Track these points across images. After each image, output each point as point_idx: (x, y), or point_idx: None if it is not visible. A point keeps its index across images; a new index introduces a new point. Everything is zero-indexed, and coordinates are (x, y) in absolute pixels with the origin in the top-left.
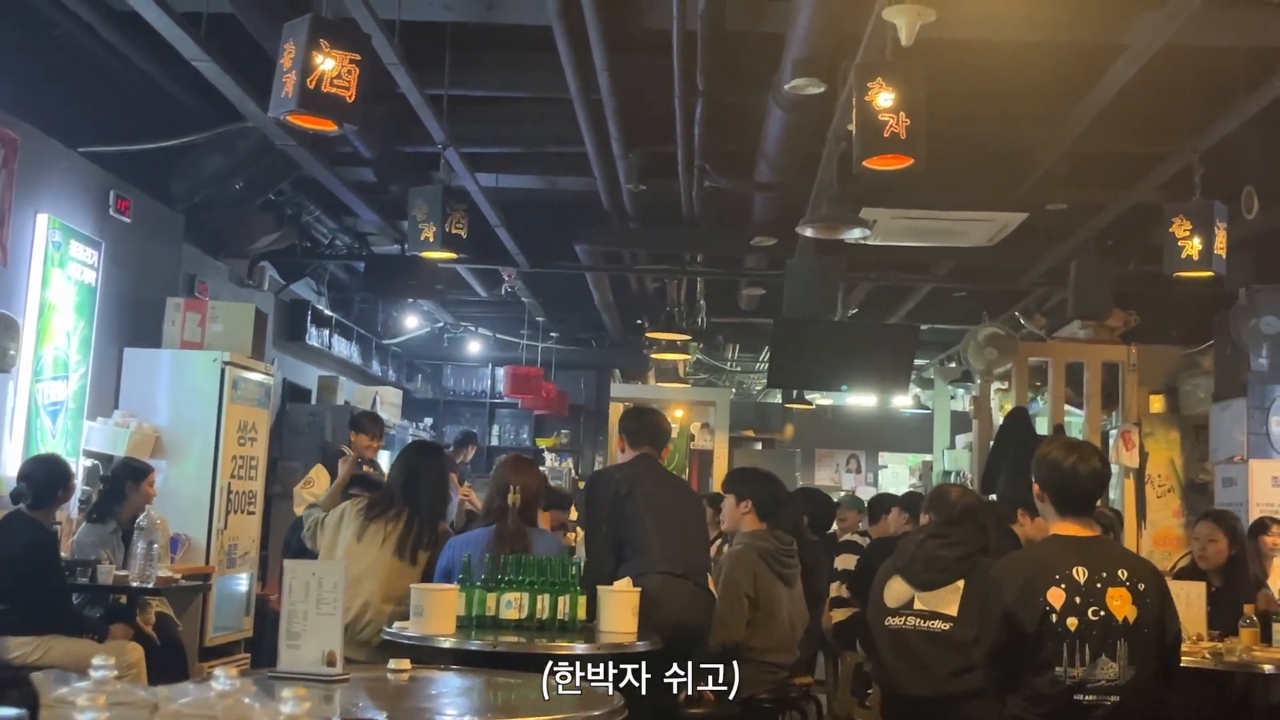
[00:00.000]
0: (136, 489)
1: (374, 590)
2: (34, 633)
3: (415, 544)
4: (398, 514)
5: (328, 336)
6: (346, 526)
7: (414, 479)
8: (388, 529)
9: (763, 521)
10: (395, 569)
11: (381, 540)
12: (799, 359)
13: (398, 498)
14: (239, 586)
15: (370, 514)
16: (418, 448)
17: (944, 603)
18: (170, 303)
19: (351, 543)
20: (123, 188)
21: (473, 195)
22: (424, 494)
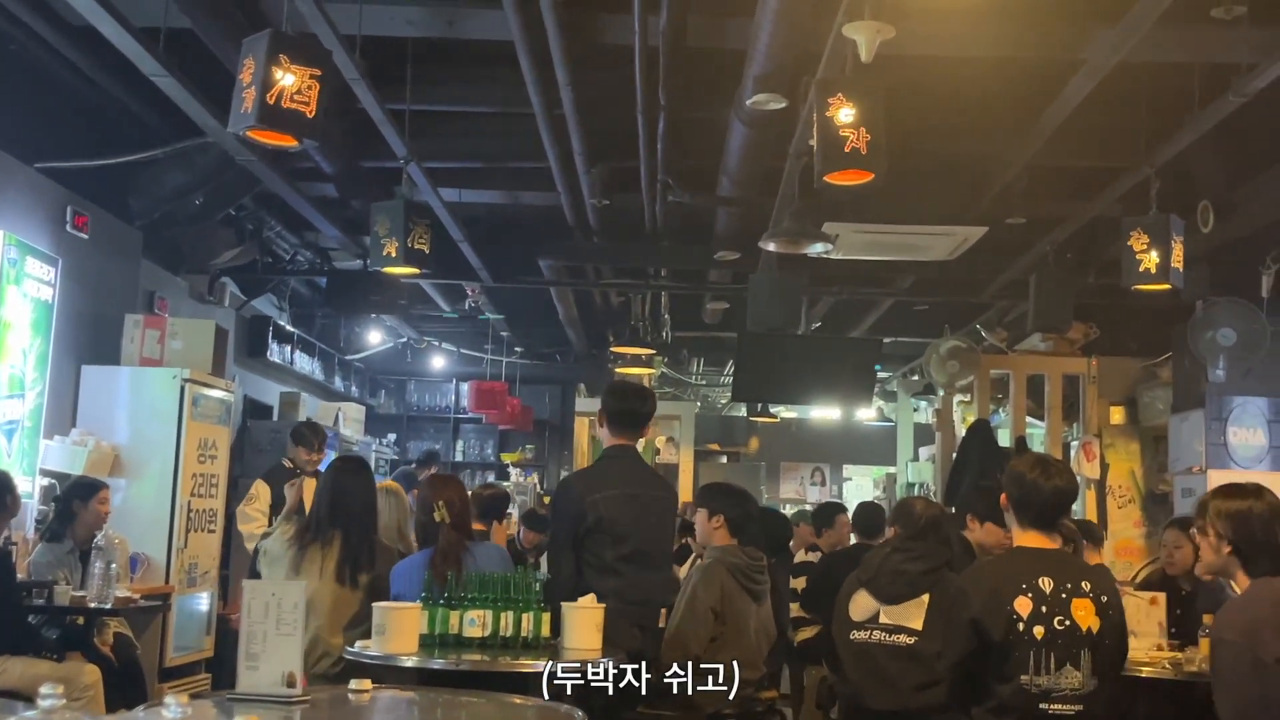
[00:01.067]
0: (85, 507)
1: (321, 624)
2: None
3: (354, 568)
4: (329, 539)
5: (290, 352)
6: (280, 559)
7: (341, 499)
8: (324, 555)
9: (733, 537)
10: (339, 597)
11: (319, 570)
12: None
13: (326, 521)
14: (200, 606)
15: (301, 542)
16: (342, 466)
17: (909, 617)
18: (129, 319)
19: (288, 573)
20: (80, 204)
21: (435, 210)
22: (354, 513)
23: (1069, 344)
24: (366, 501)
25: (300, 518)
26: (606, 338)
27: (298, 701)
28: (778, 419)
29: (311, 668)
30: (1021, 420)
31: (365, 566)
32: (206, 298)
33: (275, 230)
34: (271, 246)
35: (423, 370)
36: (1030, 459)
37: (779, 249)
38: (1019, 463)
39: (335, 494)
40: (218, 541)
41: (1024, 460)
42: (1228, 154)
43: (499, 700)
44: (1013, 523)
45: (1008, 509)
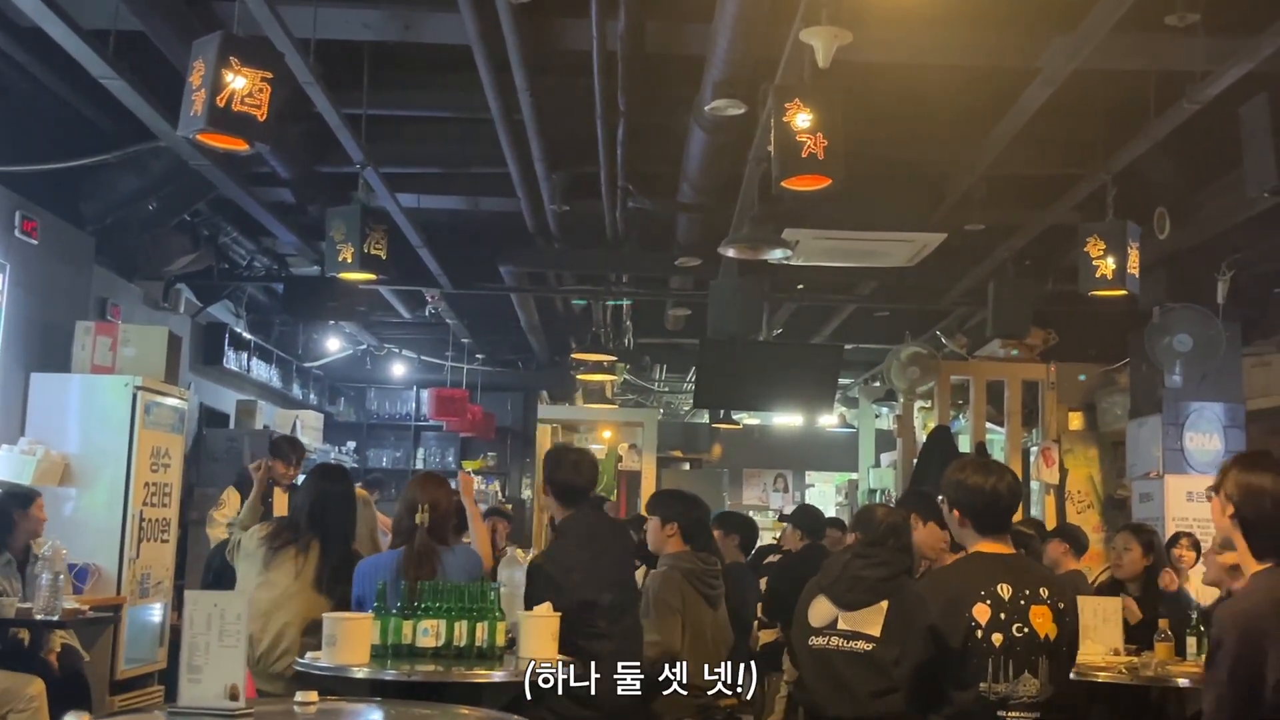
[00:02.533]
0: (25, 515)
1: (290, 622)
2: None
3: (332, 577)
4: (307, 544)
5: (246, 360)
6: (252, 555)
7: (321, 505)
8: (299, 561)
9: (686, 544)
10: (313, 602)
11: (295, 573)
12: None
13: (304, 526)
14: (152, 617)
15: (275, 543)
16: (323, 472)
17: (867, 623)
18: (80, 326)
19: (260, 570)
20: (29, 208)
21: (393, 216)
22: (333, 520)
23: (1028, 350)
24: (346, 509)
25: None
26: (569, 344)
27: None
28: (740, 426)
29: (272, 665)
30: (981, 426)
31: (343, 577)
32: (161, 304)
33: (231, 236)
34: (227, 252)
35: (383, 377)
36: (973, 465)
37: (739, 255)
38: (963, 472)
39: (316, 501)
40: (172, 551)
41: (967, 468)
42: (1183, 161)
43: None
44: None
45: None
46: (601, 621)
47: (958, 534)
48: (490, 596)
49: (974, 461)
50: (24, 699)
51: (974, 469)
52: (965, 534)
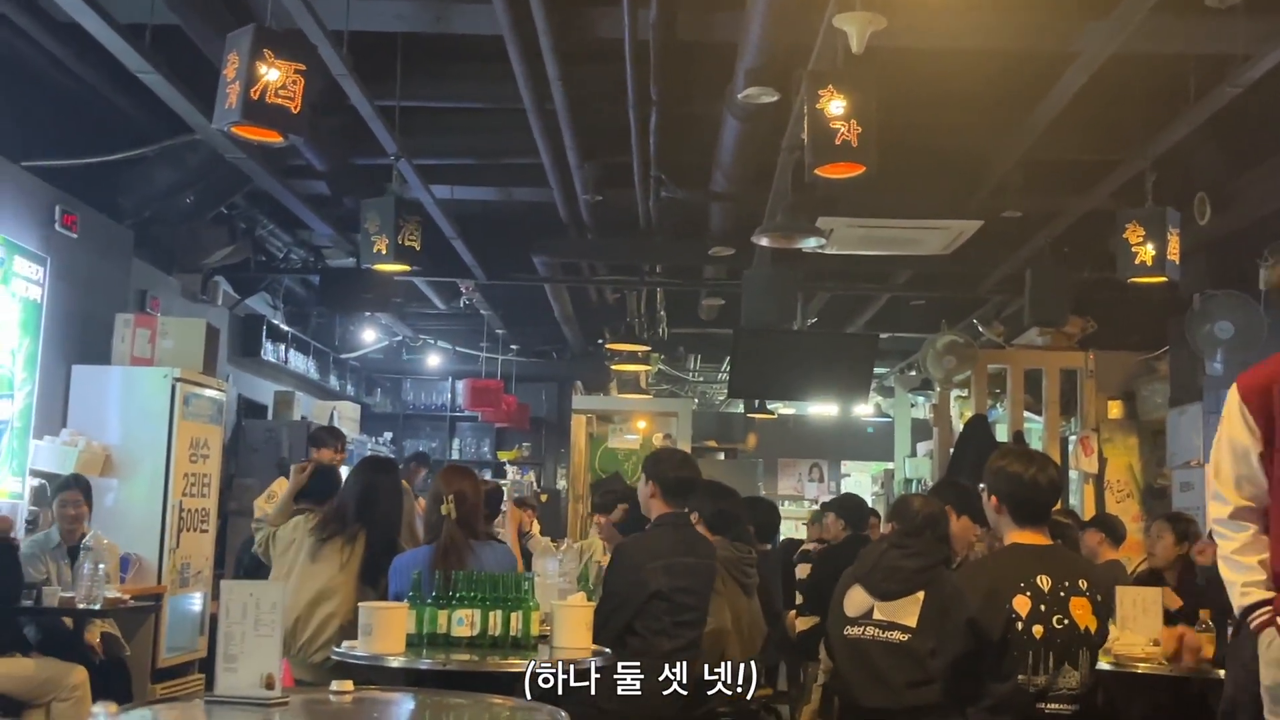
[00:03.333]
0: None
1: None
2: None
3: (378, 569)
4: (353, 535)
5: (284, 351)
6: (300, 546)
7: (370, 497)
8: (345, 553)
9: (714, 534)
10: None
11: (340, 564)
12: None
13: (351, 517)
14: (192, 606)
15: (323, 533)
16: (373, 464)
17: (903, 613)
18: (119, 319)
19: (305, 563)
20: (69, 202)
21: (427, 207)
22: (380, 512)
23: (1066, 338)
24: (393, 501)
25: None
26: (603, 334)
27: (275, 703)
28: (775, 415)
29: (311, 655)
30: (1019, 415)
31: (387, 568)
32: (199, 297)
33: (268, 228)
34: (264, 244)
35: (418, 368)
36: (1015, 454)
37: (772, 244)
38: (1005, 461)
39: (363, 491)
40: (211, 541)
41: (1009, 458)
42: (1225, 145)
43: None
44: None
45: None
46: (666, 618)
47: (994, 522)
48: (525, 586)
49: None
50: (67, 687)
51: (1016, 458)
52: (1002, 523)
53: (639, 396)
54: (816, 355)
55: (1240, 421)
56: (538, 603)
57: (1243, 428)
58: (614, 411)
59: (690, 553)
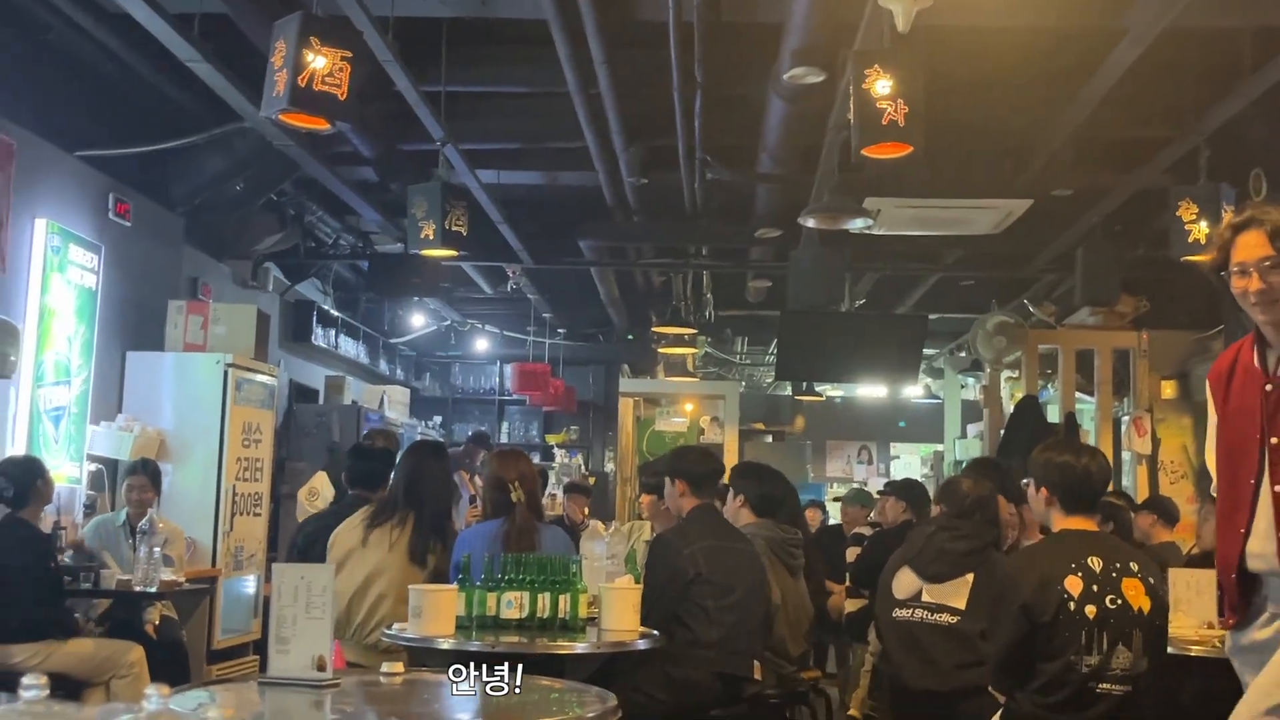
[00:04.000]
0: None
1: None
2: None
3: (425, 549)
4: (402, 519)
5: (334, 336)
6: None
7: (417, 481)
8: (393, 535)
9: (763, 516)
10: (409, 575)
11: (389, 545)
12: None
13: (401, 501)
14: (246, 588)
15: (374, 523)
16: (420, 448)
17: (952, 595)
18: (172, 305)
19: (355, 549)
20: (122, 191)
21: (473, 192)
22: (428, 495)
23: (1119, 317)
24: (442, 483)
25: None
26: (649, 318)
27: (327, 685)
28: (823, 397)
29: (366, 636)
30: (1071, 396)
31: (434, 548)
32: (250, 283)
33: (317, 215)
34: (314, 231)
35: (466, 353)
36: (1055, 445)
37: (819, 225)
38: (1053, 452)
39: (412, 475)
40: (264, 524)
41: (1056, 449)
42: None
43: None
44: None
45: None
46: (710, 601)
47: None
48: (573, 569)
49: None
50: (125, 665)
51: (1063, 448)
52: (1052, 513)
53: (686, 379)
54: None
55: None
56: (586, 585)
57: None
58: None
59: (728, 537)
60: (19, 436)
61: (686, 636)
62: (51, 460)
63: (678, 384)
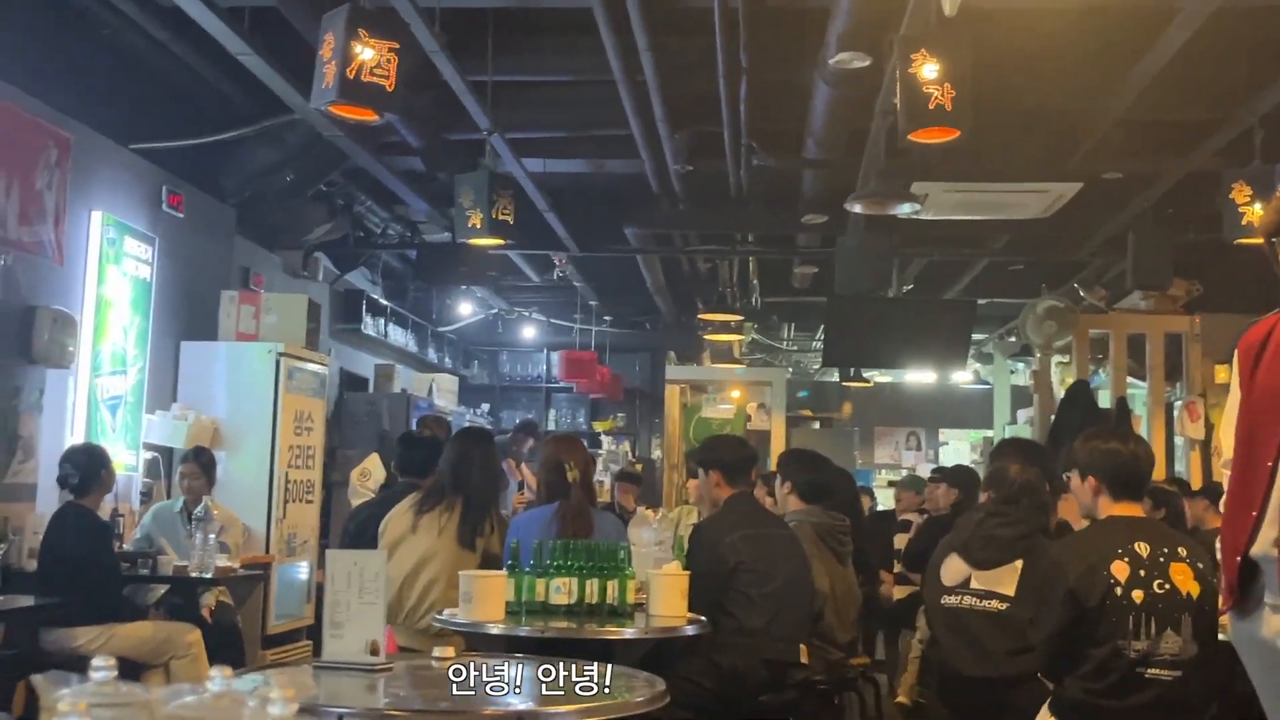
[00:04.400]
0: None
1: (435, 579)
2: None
3: (474, 532)
4: (450, 504)
5: (383, 325)
6: (399, 522)
7: (464, 466)
8: (442, 520)
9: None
10: (459, 559)
11: (438, 530)
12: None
13: (449, 487)
14: (299, 575)
15: (422, 509)
16: (466, 434)
17: (1001, 582)
18: (225, 295)
19: (405, 535)
20: (175, 183)
21: (520, 181)
22: (475, 481)
23: (1171, 301)
24: (489, 470)
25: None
26: (695, 304)
27: (381, 669)
28: (871, 383)
29: (418, 621)
30: (1122, 381)
31: (484, 532)
32: (300, 273)
33: (366, 205)
34: (362, 221)
35: (514, 340)
36: (1101, 435)
37: (866, 211)
38: (1096, 440)
39: (459, 462)
40: (316, 512)
41: (1095, 436)
42: None
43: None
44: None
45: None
46: (753, 589)
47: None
48: (621, 555)
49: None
50: (183, 646)
51: (1107, 436)
52: (1100, 502)
53: (732, 366)
54: (913, 322)
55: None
56: (634, 571)
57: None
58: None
59: (766, 524)
60: (78, 425)
61: (731, 624)
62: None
63: (724, 371)
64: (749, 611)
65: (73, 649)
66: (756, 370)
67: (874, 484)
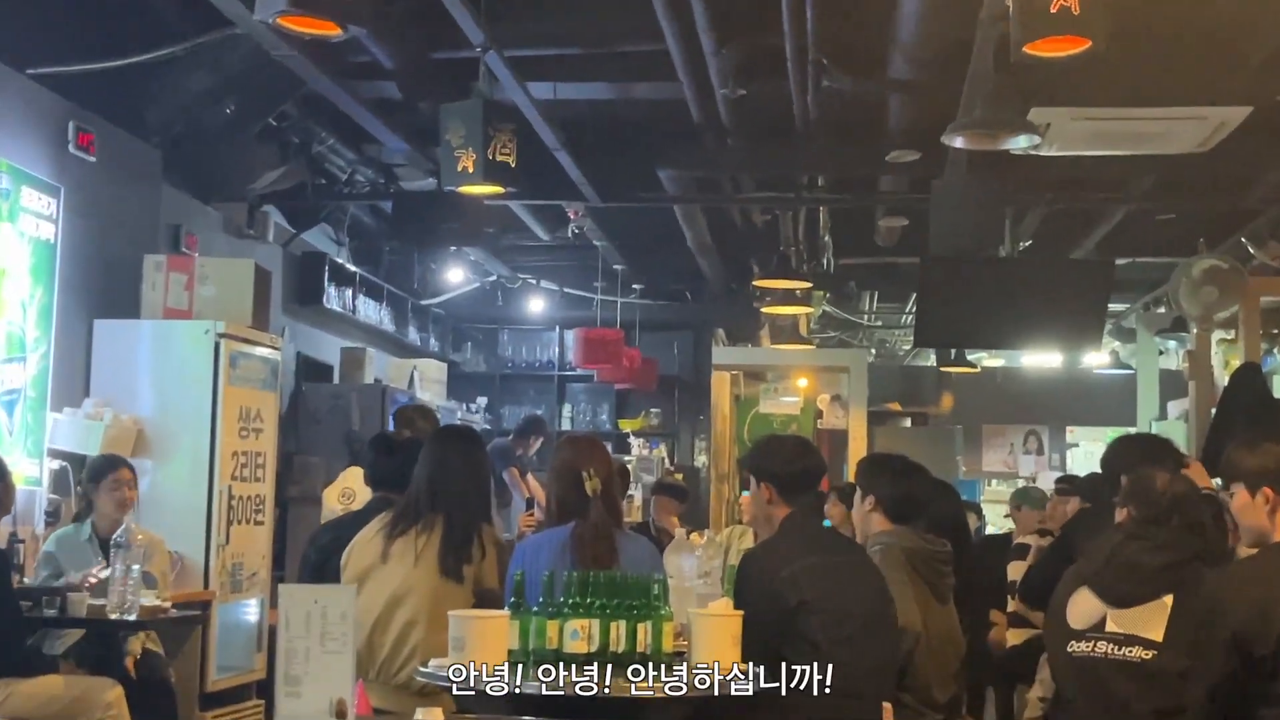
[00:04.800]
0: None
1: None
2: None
3: (459, 559)
4: (428, 524)
5: (351, 298)
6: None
7: (442, 475)
8: (419, 544)
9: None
10: (440, 590)
11: (414, 558)
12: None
13: (424, 503)
14: (247, 616)
15: (394, 532)
16: (444, 434)
17: (1146, 624)
18: (149, 261)
19: (374, 566)
20: (84, 118)
21: (523, 111)
22: (457, 492)
23: None
24: (476, 478)
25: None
26: (749, 268)
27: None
28: (978, 369)
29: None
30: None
31: (472, 557)
32: (245, 231)
33: (327, 144)
34: (323, 164)
35: (518, 316)
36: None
37: (970, 145)
38: (1270, 441)
39: (436, 471)
40: (267, 535)
41: (1274, 435)
42: None
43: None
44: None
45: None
46: (820, 633)
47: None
48: (654, 590)
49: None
50: (101, 706)
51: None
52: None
53: (798, 347)
54: (1032, 289)
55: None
56: (671, 610)
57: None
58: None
59: (835, 549)
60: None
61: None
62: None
63: (787, 354)
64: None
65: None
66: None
67: (981, 498)
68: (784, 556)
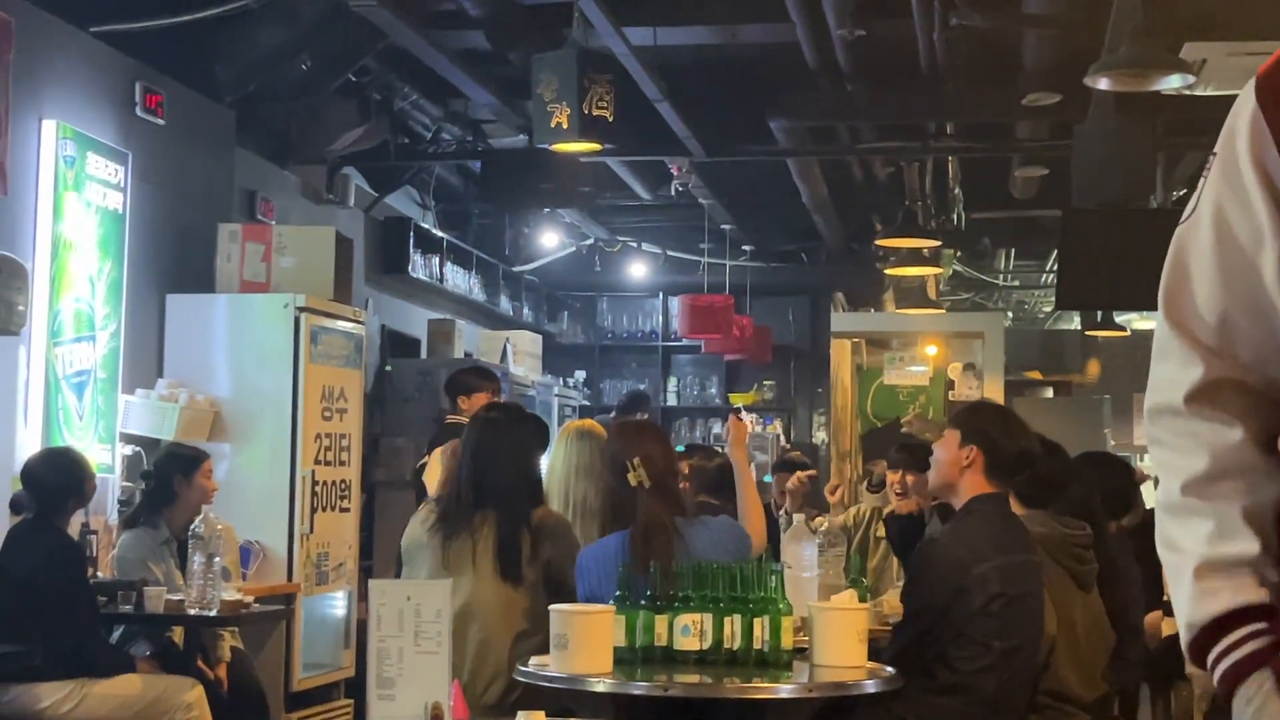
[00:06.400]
0: (188, 484)
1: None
2: (63, 676)
3: (515, 560)
4: (479, 526)
5: (438, 266)
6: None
7: (489, 467)
8: (477, 545)
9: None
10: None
11: (472, 564)
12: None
13: (469, 499)
14: (334, 610)
15: (444, 526)
16: (487, 418)
17: None
18: (223, 230)
19: (436, 570)
20: (152, 78)
21: (621, 60)
22: (506, 483)
23: None
24: (524, 465)
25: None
26: (871, 226)
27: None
28: (1128, 333)
29: (480, 696)
30: None
31: (528, 553)
32: (324, 196)
33: (410, 100)
34: (406, 122)
35: (618, 283)
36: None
37: (1116, 86)
38: None
39: (480, 460)
40: (354, 523)
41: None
42: None
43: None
44: None
45: None
46: (995, 641)
47: None
48: (771, 582)
49: None
50: (181, 707)
51: None
52: None
53: (927, 312)
54: None
55: (1251, 168)
56: (789, 604)
57: (1254, 182)
58: (891, 334)
59: (1021, 547)
60: (33, 412)
61: (950, 680)
62: (75, 442)
63: (914, 319)
64: (980, 671)
65: (37, 711)
66: (961, 317)
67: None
68: (980, 549)
